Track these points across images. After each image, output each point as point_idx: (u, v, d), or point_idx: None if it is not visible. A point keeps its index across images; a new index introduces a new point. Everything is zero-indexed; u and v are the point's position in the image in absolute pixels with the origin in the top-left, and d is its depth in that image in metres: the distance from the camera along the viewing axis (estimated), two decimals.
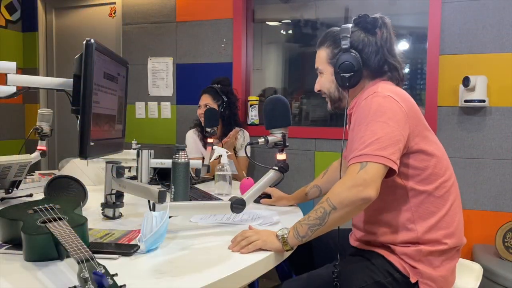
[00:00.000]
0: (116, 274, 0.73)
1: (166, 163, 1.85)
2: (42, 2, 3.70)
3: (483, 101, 2.40)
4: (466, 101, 2.44)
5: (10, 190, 1.60)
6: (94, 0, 3.54)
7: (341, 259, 1.23)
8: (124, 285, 0.71)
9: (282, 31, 3.20)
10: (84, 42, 1.14)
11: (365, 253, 1.27)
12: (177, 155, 1.47)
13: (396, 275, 1.20)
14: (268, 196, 1.69)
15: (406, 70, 2.73)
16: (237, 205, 1.28)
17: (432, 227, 1.20)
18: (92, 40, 1.14)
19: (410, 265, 1.20)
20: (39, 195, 1.59)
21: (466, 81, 2.40)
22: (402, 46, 2.77)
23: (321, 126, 2.95)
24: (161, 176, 1.98)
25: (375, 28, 1.32)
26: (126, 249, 1.03)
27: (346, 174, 1.14)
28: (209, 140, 2.18)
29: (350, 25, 1.34)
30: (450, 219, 1.22)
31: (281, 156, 1.37)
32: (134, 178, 1.86)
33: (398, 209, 1.23)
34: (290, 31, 3.17)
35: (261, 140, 1.31)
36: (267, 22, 3.19)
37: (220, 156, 1.85)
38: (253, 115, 2.96)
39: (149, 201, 1.24)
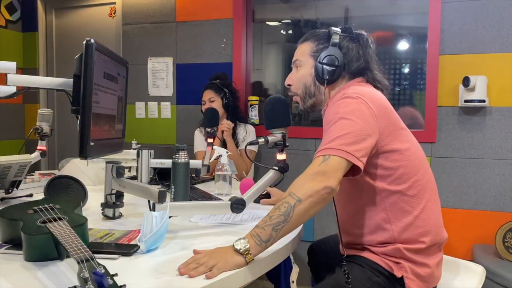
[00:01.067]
0: (116, 274, 0.73)
1: (166, 163, 1.85)
2: (42, 2, 3.70)
3: (483, 101, 2.40)
4: (466, 101, 2.44)
5: (10, 190, 1.61)
6: (94, 0, 3.54)
7: (336, 269, 1.23)
8: (124, 285, 0.71)
9: (282, 31, 3.20)
10: (84, 42, 1.14)
11: (351, 258, 1.26)
12: (177, 155, 1.47)
13: (386, 273, 1.20)
14: (267, 195, 1.69)
15: (406, 70, 2.74)
16: (237, 205, 1.28)
17: (407, 226, 1.20)
18: (92, 40, 1.14)
19: (393, 261, 1.20)
20: (39, 195, 1.59)
21: (466, 81, 2.40)
22: (402, 46, 2.77)
23: (321, 126, 2.91)
24: (161, 176, 1.98)
25: (360, 41, 1.35)
26: (126, 249, 1.03)
27: (308, 166, 1.12)
28: (209, 140, 2.18)
29: (338, 29, 1.35)
30: (426, 217, 1.22)
31: (281, 156, 1.37)
32: (134, 178, 1.86)
33: (373, 210, 1.23)
34: (290, 31, 3.17)
35: (261, 140, 1.31)
36: (267, 22, 3.18)
37: (220, 156, 1.85)
38: (253, 115, 2.96)
39: (149, 201, 1.24)
